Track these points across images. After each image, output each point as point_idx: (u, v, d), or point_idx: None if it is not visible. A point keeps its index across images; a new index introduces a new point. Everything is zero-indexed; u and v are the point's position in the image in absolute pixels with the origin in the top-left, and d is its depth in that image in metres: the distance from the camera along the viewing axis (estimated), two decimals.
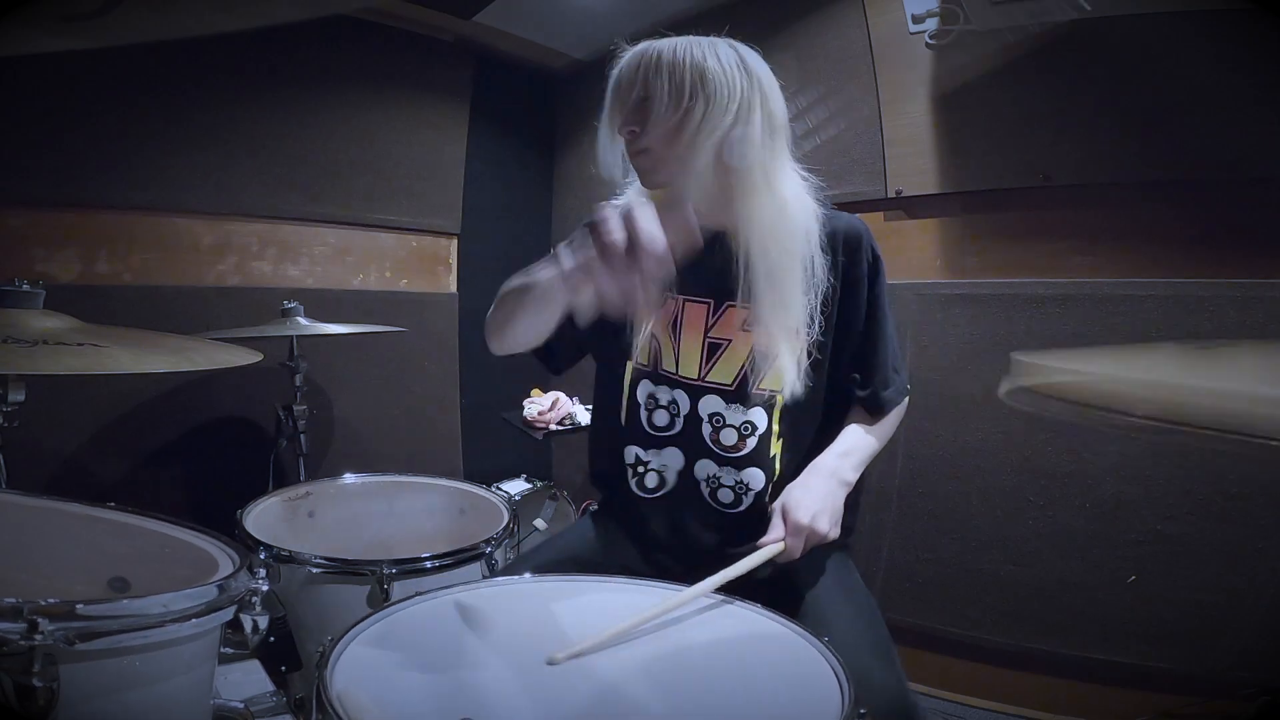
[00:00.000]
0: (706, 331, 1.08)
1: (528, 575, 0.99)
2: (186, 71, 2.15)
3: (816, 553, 1.06)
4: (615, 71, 1.06)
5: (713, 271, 1.06)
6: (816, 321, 1.04)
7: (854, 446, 1.09)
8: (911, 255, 1.98)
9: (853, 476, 1.06)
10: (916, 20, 1.93)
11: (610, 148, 1.09)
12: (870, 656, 0.75)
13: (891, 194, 1.99)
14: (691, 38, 1.03)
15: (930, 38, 1.92)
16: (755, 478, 1.09)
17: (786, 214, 1.02)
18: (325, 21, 2.34)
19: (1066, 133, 1.75)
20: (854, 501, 1.17)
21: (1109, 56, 1.68)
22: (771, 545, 0.95)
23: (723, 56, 1.01)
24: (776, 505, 1.00)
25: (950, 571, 1.92)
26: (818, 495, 0.99)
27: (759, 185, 1.02)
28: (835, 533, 0.98)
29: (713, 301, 1.08)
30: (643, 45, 1.04)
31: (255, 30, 2.18)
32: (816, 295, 1.03)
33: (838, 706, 0.67)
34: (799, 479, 1.03)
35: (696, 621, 0.86)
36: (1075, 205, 1.76)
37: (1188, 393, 0.55)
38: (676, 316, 1.10)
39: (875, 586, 2.01)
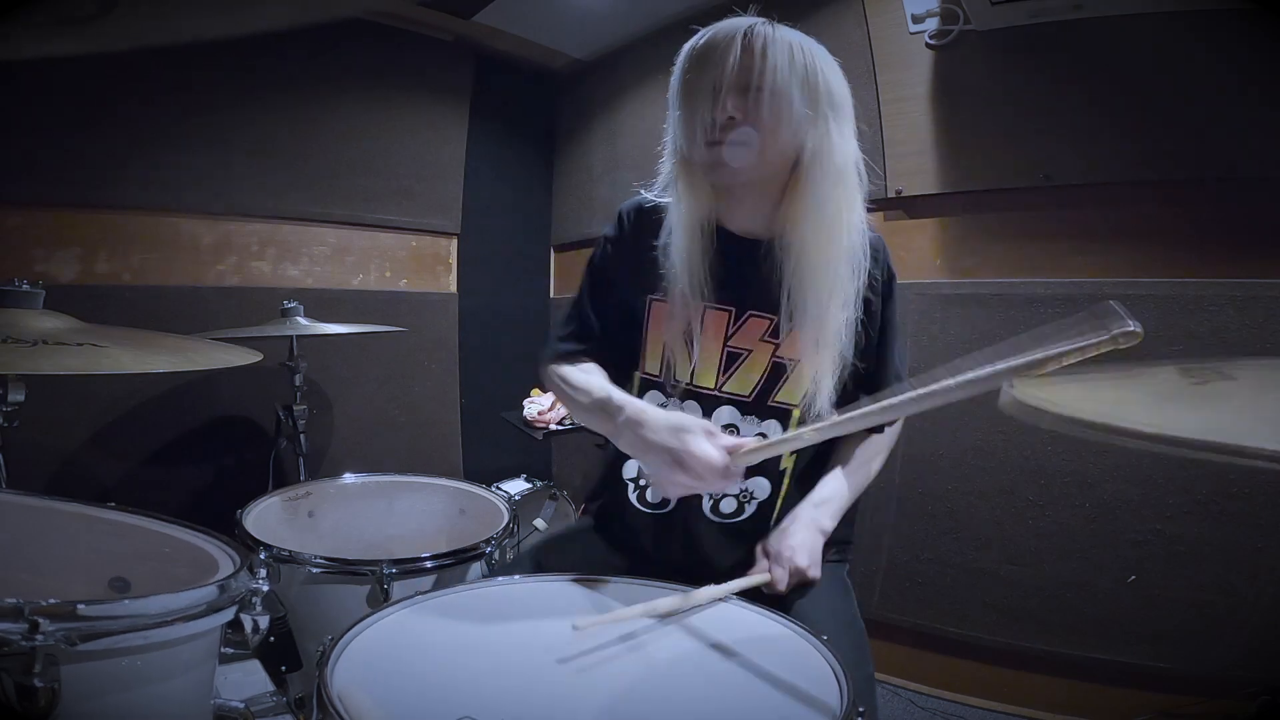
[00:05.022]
0: (726, 340, 1.05)
1: (526, 575, 0.99)
2: (186, 72, 2.15)
3: (820, 578, 1.06)
4: (730, 43, 0.94)
5: (739, 279, 1.04)
6: (850, 338, 1.02)
7: (830, 495, 1.08)
8: (911, 255, 1.98)
9: (829, 524, 1.06)
10: (916, 20, 1.93)
11: (685, 126, 1.00)
12: None
13: (891, 194, 1.99)
14: (803, 36, 0.98)
15: (930, 38, 1.92)
16: (761, 487, 1.08)
17: (851, 235, 1.00)
18: (325, 21, 2.35)
19: (1066, 133, 1.75)
20: (852, 509, 1.17)
21: (1108, 56, 1.68)
22: (759, 575, 0.99)
23: (838, 74, 0.99)
24: (759, 549, 1.03)
25: (950, 571, 1.92)
26: (798, 538, 1.01)
27: (838, 206, 0.99)
28: (816, 572, 1.00)
29: (734, 309, 1.05)
30: (757, 24, 0.95)
31: (255, 31, 2.18)
32: (856, 313, 1.02)
33: (837, 706, 0.68)
34: (780, 527, 1.04)
35: (696, 621, 0.86)
36: (1075, 205, 1.76)
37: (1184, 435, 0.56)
38: (696, 324, 1.05)
39: (875, 586, 2.01)
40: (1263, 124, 1.52)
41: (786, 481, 1.08)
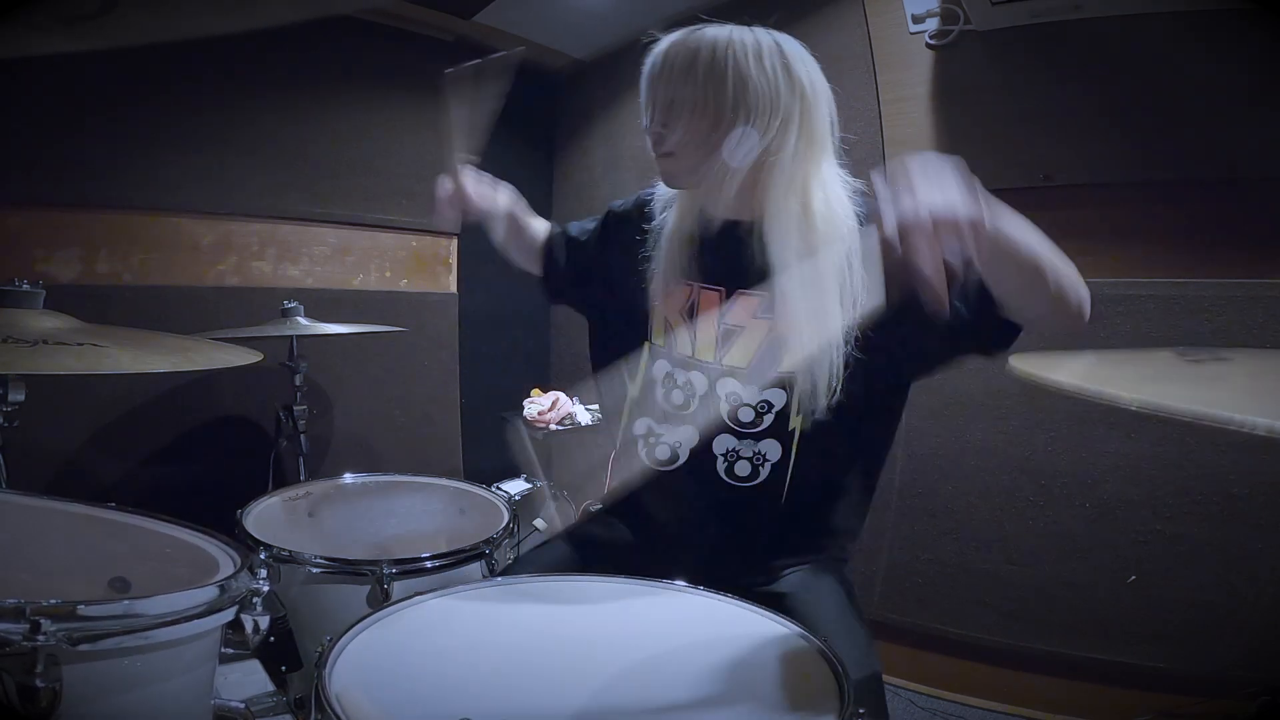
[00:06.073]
0: (721, 318, 1.10)
1: (527, 575, 0.99)
2: (186, 72, 2.15)
3: (823, 579, 1.06)
4: (649, 62, 1.05)
5: (726, 260, 1.09)
6: (849, 303, 0.99)
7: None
8: None
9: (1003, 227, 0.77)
10: (916, 20, 1.93)
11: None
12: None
13: None
14: (734, 32, 1.00)
15: (930, 38, 1.92)
16: (773, 449, 1.08)
17: (830, 206, 1.03)
18: (325, 21, 2.35)
19: (1066, 133, 1.75)
20: (861, 507, 1.16)
21: (1108, 57, 1.68)
22: (889, 218, 0.67)
23: (766, 63, 0.99)
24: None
25: (950, 571, 1.92)
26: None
27: (784, 191, 1.02)
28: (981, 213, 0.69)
29: (724, 289, 1.10)
30: (680, 37, 1.02)
31: (255, 30, 2.18)
32: (860, 296, 0.99)
33: (835, 706, 0.68)
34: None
35: (695, 620, 0.86)
36: (1075, 205, 1.76)
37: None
38: (692, 303, 1.12)
39: (875, 586, 2.01)
40: (1263, 124, 1.52)
41: (796, 444, 1.07)
